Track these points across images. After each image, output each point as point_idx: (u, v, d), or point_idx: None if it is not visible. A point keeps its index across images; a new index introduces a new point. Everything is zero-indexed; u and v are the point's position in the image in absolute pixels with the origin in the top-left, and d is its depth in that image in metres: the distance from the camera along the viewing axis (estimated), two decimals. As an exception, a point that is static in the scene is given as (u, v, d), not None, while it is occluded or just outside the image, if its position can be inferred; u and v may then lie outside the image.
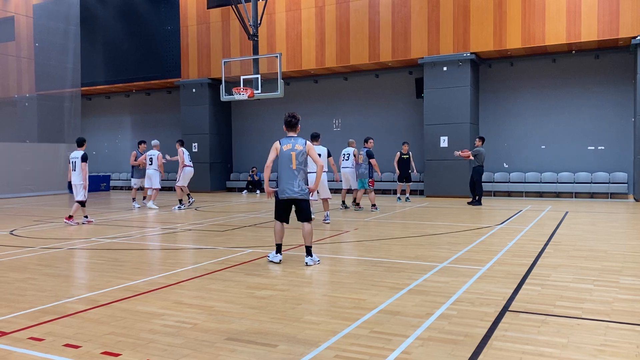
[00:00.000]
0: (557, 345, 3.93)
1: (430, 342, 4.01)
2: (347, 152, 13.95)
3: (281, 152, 6.97)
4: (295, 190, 6.91)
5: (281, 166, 6.97)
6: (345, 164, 13.93)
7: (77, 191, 11.89)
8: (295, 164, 6.92)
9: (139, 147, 16.32)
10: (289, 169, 6.92)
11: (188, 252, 8.28)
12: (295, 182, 6.92)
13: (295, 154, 6.95)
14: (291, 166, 6.93)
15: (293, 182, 6.91)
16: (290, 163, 6.93)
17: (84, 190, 11.84)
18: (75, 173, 11.83)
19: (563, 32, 16.30)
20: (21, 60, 24.72)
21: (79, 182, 11.81)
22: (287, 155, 6.95)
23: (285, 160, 6.94)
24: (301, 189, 6.94)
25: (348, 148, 14.02)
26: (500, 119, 18.81)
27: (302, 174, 6.98)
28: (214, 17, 22.02)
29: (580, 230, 10.08)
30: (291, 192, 6.92)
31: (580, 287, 5.61)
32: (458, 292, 5.46)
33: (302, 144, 7.04)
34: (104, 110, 27.38)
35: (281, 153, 6.97)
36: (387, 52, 18.76)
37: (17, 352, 3.94)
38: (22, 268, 7.07)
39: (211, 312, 4.90)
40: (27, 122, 24.17)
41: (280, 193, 6.99)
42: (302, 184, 6.96)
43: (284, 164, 6.94)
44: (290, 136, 7.17)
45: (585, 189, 17.35)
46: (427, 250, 7.98)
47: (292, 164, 6.92)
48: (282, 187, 6.96)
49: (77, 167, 11.79)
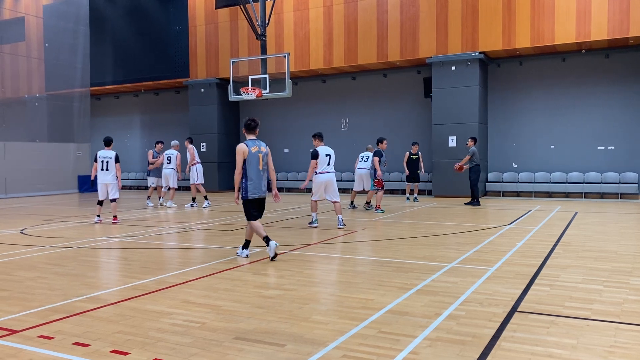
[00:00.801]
0: (566, 347, 3.90)
1: (438, 343, 4.00)
2: (367, 155, 14.09)
3: (250, 154, 7.31)
4: (263, 190, 7.46)
5: (251, 167, 7.31)
6: (363, 165, 13.96)
7: (109, 190, 11.96)
8: (261, 164, 7.41)
9: (156, 147, 16.48)
10: (258, 170, 7.36)
11: (196, 252, 8.30)
12: (262, 182, 7.45)
13: (261, 155, 7.42)
14: (259, 167, 7.37)
15: (261, 182, 7.42)
16: (258, 164, 7.37)
17: (118, 189, 12.04)
18: (107, 172, 11.89)
19: (573, 31, 16.19)
20: (31, 60, 24.89)
21: (113, 181, 11.91)
22: (255, 156, 7.35)
23: (254, 162, 7.33)
24: (266, 187, 7.54)
25: (368, 152, 14.19)
26: (509, 119, 18.71)
27: (266, 174, 7.56)
28: (222, 17, 22.07)
29: (590, 230, 10.01)
30: (261, 192, 7.41)
31: (590, 288, 5.58)
32: (466, 292, 5.44)
33: (265, 146, 7.58)
34: (113, 110, 27.53)
35: (250, 155, 7.31)
36: (395, 52, 18.72)
37: (27, 350, 3.97)
38: (32, 267, 7.12)
39: (219, 311, 4.91)
40: (37, 122, 24.34)
41: (254, 193, 7.35)
42: (266, 183, 7.55)
43: (254, 165, 7.33)
44: (253, 139, 7.52)
45: (595, 189, 17.22)
46: (436, 251, 7.96)
47: (259, 165, 7.38)
48: (253, 187, 7.33)
49: (110, 166, 11.87)
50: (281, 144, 22.47)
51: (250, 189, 7.32)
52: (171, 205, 15.54)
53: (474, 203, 15.16)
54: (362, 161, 14.09)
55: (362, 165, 14.03)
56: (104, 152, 11.97)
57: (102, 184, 11.95)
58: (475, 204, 15.11)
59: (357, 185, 14.23)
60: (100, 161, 11.89)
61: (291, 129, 22.43)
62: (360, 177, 14.07)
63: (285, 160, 22.51)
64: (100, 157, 11.91)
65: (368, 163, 13.89)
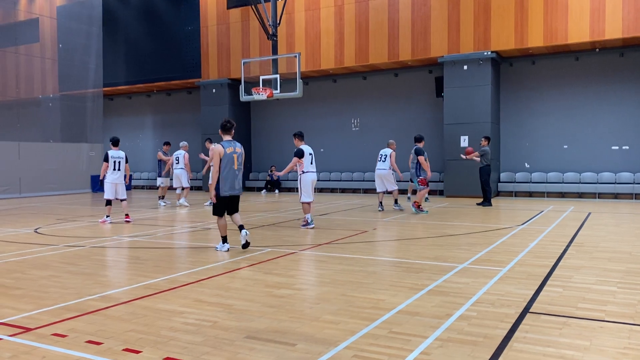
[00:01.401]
0: (579, 348, 3.87)
1: (449, 343, 3.98)
2: (384, 154, 13.66)
3: (225, 154, 7.71)
4: (237, 188, 7.90)
5: (226, 167, 7.72)
6: (382, 165, 13.59)
7: (119, 190, 12.12)
8: (237, 164, 7.82)
9: (164, 148, 16.64)
10: (232, 169, 7.76)
11: (208, 251, 8.34)
12: (237, 180, 7.88)
13: (236, 156, 7.81)
14: (234, 167, 7.77)
15: (235, 180, 7.84)
16: (233, 164, 7.77)
17: None
18: (120, 172, 12.04)
19: (586, 29, 16.03)
20: (45, 61, 25.16)
21: (122, 181, 12.12)
22: (230, 157, 7.75)
23: (229, 162, 7.73)
24: (240, 186, 7.99)
25: (386, 149, 13.76)
26: (522, 118, 18.58)
27: (241, 173, 7.96)
28: (233, 17, 22.15)
29: (604, 231, 9.91)
30: (233, 190, 7.88)
31: (603, 289, 5.52)
32: (478, 293, 5.41)
33: (240, 147, 7.97)
34: (125, 111, 27.74)
35: (225, 156, 7.71)
36: (407, 51, 18.67)
37: (41, 347, 4.01)
38: (46, 265, 7.20)
39: (231, 310, 4.93)
40: (51, 122, 24.60)
41: (227, 190, 7.81)
42: (241, 182, 7.98)
43: (229, 165, 7.73)
44: (228, 140, 7.90)
45: (609, 189, 17.05)
46: (447, 251, 7.92)
47: (234, 165, 7.78)
48: (227, 186, 7.78)
49: (122, 166, 12.05)
50: (292, 145, 22.40)
51: (224, 187, 7.75)
52: (184, 203, 15.66)
53: (485, 203, 15.06)
54: (380, 161, 13.66)
55: (381, 166, 13.60)
56: (115, 152, 12.04)
57: (112, 184, 12.01)
58: (487, 204, 15.01)
59: (379, 186, 13.77)
60: (112, 161, 11.95)
61: (302, 129, 22.25)
62: (380, 177, 13.65)
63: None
64: (113, 157, 11.96)
65: (387, 163, 13.52)
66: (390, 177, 13.59)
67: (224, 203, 7.90)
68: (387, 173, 13.56)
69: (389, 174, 13.57)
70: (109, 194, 12.06)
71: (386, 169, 13.55)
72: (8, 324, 4.59)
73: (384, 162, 13.60)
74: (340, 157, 21.58)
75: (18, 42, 24.47)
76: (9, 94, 24.24)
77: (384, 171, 13.57)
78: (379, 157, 13.75)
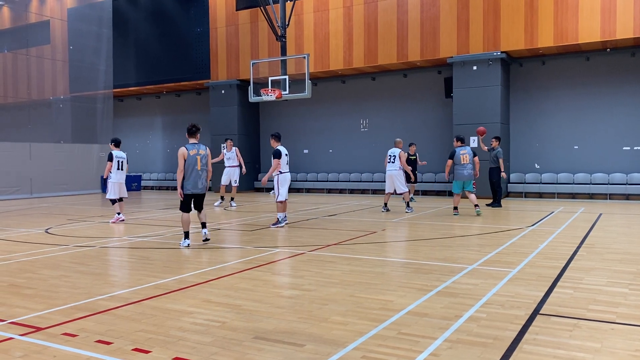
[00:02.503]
0: (589, 350, 3.84)
1: (458, 345, 3.96)
2: (392, 154, 13.38)
3: (189, 156, 8.35)
4: (200, 187, 8.51)
5: (189, 168, 8.38)
6: (392, 166, 13.36)
7: (123, 189, 12.41)
8: (200, 165, 8.42)
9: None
10: (195, 170, 8.40)
11: (217, 251, 8.37)
12: (200, 180, 8.49)
13: (199, 157, 8.41)
14: (197, 168, 8.39)
15: (198, 180, 8.46)
16: (196, 165, 8.38)
17: None
18: (123, 172, 12.35)
19: (597, 29, 15.91)
20: (56, 63, 25.37)
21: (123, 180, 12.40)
22: (193, 159, 8.38)
23: (192, 163, 8.37)
24: (203, 185, 8.58)
25: (394, 149, 13.48)
26: (532, 119, 18.47)
27: (204, 173, 8.55)
28: (242, 18, 22.21)
29: (615, 232, 9.83)
30: (196, 189, 8.48)
31: (615, 291, 5.47)
32: (488, 294, 5.39)
33: (204, 149, 8.56)
34: (135, 112, 27.90)
35: (189, 157, 8.35)
36: (416, 52, 18.62)
37: (51, 347, 4.04)
38: (57, 265, 7.25)
39: (239, 310, 4.94)
40: (62, 123, 24.79)
41: (191, 189, 8.45)
42: (204, 182, 8.58)
43: (192, 166, 8.37)
44: (193, 143, 8.55)
45: (620, 190, 16.89)
46: (456, 252, 7.89)
47: (197, 166, 8.39)
48: (190, 185, 8.42)
49: (124, 167, 12.37)
50: (301, 145, 22.53)
51: (187, 186, 8.42)
52: None
53: (495, 204, 14.97)
54: (390, 162, 13.39)
55: (391, 167, 13.36)
56: (119, 153, 12.31)
57: (116, 183, 12.22)
58: (497, 205, 14.92)
59: (389, 187, 13.58)
60: (116, 161, 12.20)
61: (311, 130, 22.46)
62: (391, 178, 13.40)
63: (305, 161, 22.56)
64: (117, 157, 12.23)
65: (396, 163, 13.30)
66: (401, 177, 13.39)
67: (187, 200, 8.56)
68: (397, 173, 13.36)
69: (400, 174, 13.38)
70: (113, 194, 12.24)
71: (396, 169, 13.36)
72: (19, 324, 4.63)
73: (394, 163, 13.37)
74: (349, 157, 21.57)
75: (29, 44, 24.69)
76: (20, 95, 24.48)
77: (396, 172, 13.35)
78: (388, 157, 13.51)
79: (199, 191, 8.53)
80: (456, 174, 12.86)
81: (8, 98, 25.05)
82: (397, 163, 13.35)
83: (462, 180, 12.81)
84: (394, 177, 13.40)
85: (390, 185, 13.57)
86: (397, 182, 13.40)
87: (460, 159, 12.74)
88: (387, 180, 13.61)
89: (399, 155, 13.35)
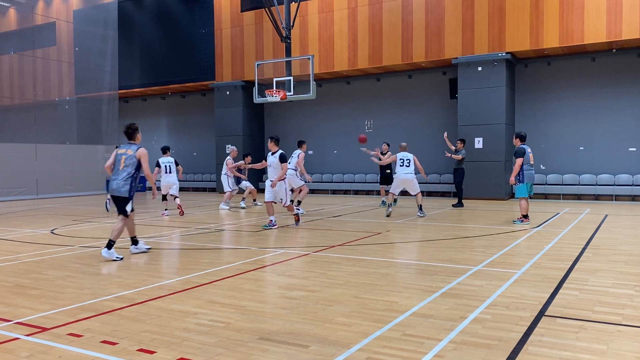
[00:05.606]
0: (595, 352, 3.82)
1: (463, 346, 3.95)
2: (406, 158, 12.96)
3: (117, 155, 8.12)
4: (113, 188, 7.95)
5: (114, 167, 8.12)
6: (406, 169, 12.90)
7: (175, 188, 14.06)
8: (122, 165, 7.99)
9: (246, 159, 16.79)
10: (117, 170, 8.03)
11: (221, 252, 8.38)
12: (115, 181, 7.96)
13: (124, 157, 8.03)
14: (119, 167, 8.01)
15: (114, 181, 8.00)
16: (119, 165, 8.02)
17: None
18: (172, 175, 13.96)
19: (603, 30, 15.84)
20: (62, 64, 25.48)
21: (176, 182, 14.08)
22: (119, 158, 8.07)
23: (117, 162, 8.09)
24: (116, 187, 7.90)
25: (405, 153, 13.06)
26: (537, 120, 18.41)
27: (122, 174, 7.95)
28: (247, 19, 22.25)
29: (621, 233, 9.78)
30: (112, 191, 8.01)
31: (620, 293, 5.45)
32: (492, 295, 5.37)
33: (134, 150, 8.08)
34: (140, 113, 27.96)
35: (117, 156, 8.11)
36: (421, 53, 18.60)
37: (57, 347, 4.06)
38: (62, 266, 7.28)
39: (244, 311, 4.94)
40: (67, 124, 24.90)
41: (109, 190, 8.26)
42: (122, 183, 7.89)
43: (116, 165, 8.11)
44: (128, 143, 8.23)
45: (626, 191, 16.82)
46: (461, 253, 7.87)
47: (120, 166, 8.01)
48: (110, 185, 8.12)
49: (173, 169, 14.03)
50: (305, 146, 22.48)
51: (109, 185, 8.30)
52: (223, 207, 15.68)
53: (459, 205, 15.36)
54: (403, 165, 12.93)
55: (407, 171, 12.89)
56: (166, 159, 14.02)
57: (167, 185, 13.99)
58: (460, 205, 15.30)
59: (396, 188, 13.19)
60: (165, 166, 13.90)
61: (316, 131, 22.46)
62: (405, 182, 12.96)
63: (310, 162, 22.53)
64: (164, 162, 13.95)
65: (411, 167, 12.86)
66: (415, 182, 13.03)
67: None
68: (413, 178, 12.94)
69: (414, 178, 12.98)
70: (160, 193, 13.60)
71: (411, 172, 12.89)
72: (25, 324, 4.65)
73: (409, 167, 12.89)
74: (353, 159, 21.55)
75: (35, 45, 24.83)
76: (26, 96, 24.61)
77: (411, 175, 12.90)
78: (400, 161, 12.99)
79: (113, 193, 7.93)
80: (526, 176, 11.19)
81: (14, 99, 25.20)
82: (412, 167, 12.93)
83: (531, 182, 11.33)
84: (409, 182, 13.01)
85: (398, 187, 13.19)
86: (411, 185, 13.04)
87: (529, 159, 11.23)
88: (397, 182, 13.14)
89: (414, 160, 12.98)
